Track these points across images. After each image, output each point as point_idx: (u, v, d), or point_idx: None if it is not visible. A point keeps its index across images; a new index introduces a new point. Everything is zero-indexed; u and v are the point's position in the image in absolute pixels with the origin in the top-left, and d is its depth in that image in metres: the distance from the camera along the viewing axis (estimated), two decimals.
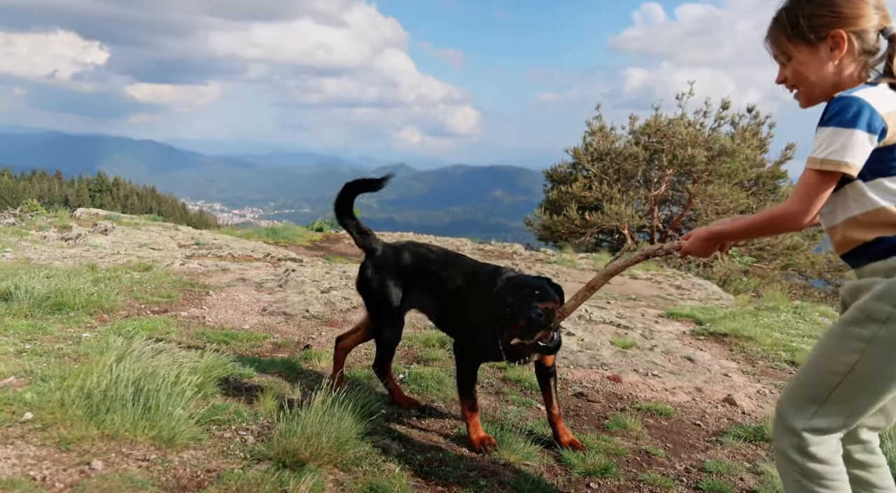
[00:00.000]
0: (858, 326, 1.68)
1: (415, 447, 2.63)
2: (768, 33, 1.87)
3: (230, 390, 3.04)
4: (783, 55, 1.84)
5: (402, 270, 3.06)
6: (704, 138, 16.25)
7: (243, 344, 4.01)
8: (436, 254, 3.11)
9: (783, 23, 1.81)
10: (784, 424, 1.78)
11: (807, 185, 1.70)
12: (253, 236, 12.54)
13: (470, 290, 2.84)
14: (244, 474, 2.11)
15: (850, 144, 1.64)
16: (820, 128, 1.70)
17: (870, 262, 1.74)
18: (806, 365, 1.82)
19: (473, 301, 2.78)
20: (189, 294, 5.44)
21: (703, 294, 9.35)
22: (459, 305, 2.88)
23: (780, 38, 1.83)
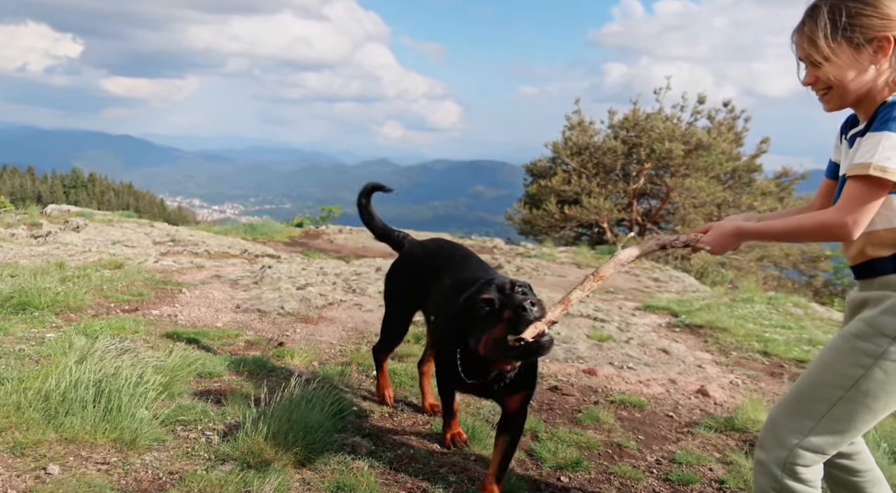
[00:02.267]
0: (866, 340, 1.64)
1: (385, 444, 2.60)
2: (802, 31, 1.74)
3: (198, 389, 2.99)
4: (819, 55, 1.71)
5: (412, 268, 2.94)
6: (681, 132, 16.39)
7: (215, 342, 3.95)
8: (444, 254, 2.88)
9: (824, 21, 1.69)
10: (776, 436, 1.72)
11: (860, 193, 1.60)
12: (231, 233, 12.39)
13: (450, 299, 2.55)
14: (207, 475, 2.07)
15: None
16: (876, 133, 1.61)
17: (880, 275, 1.69)
18: (805, 377, 1.76)
19: (446, 310, 2.53)
20: (161, 292, 5.35)
21: (680, 286, 9.44)
22: (438, 312, 2.67)
23: (818, 37, 1.70)
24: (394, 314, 3.06)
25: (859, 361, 1.63)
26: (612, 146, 16.79)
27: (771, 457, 1.70)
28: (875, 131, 1.62)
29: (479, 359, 2.12)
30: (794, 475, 1.67)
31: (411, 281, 2.88)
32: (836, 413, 1.65)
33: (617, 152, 16.79)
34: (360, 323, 4.77)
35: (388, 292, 3.09)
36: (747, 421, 3.20)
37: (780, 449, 1.69)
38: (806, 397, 1.71)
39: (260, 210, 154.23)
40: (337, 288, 6.00)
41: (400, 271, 3.01)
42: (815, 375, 1.72)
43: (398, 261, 3.07)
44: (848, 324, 1.74)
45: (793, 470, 1.67)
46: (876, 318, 1.63)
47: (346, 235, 13.61)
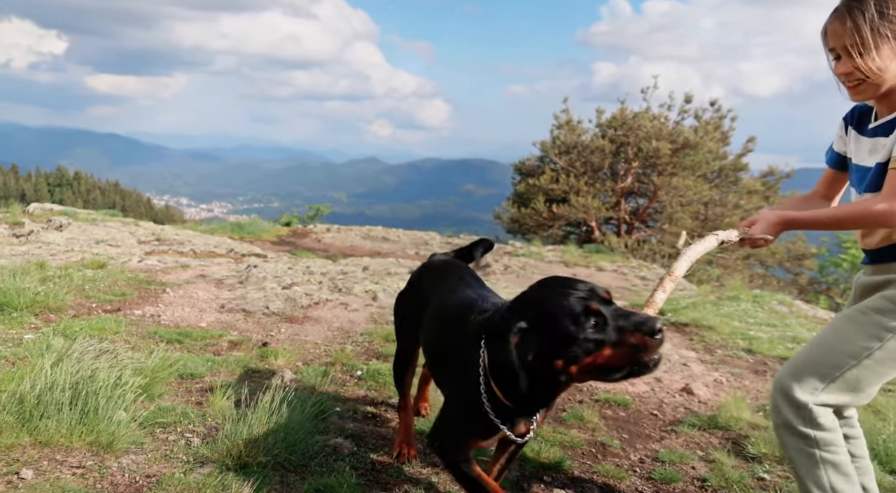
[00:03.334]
0: (886, 315, 1.77)
1: (368, 446, 2.58)
2: (844, 20, 1.76)
3: (179, 390, 2.96)
4: (861, 46, 1.73)
5: (416, 289, 2.59)
6: (669, 131, 16.47)
7: (197, 343, 3.91)
8: (439, 271, 2.53)
9: (872, 13, 1.72)
10: (789, 399, 1.83)
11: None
12: (217, 232, 12.30)
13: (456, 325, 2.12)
14: (185, 478, 2.04)
15: None
16: None
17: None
18: (813, 345, 1.87)
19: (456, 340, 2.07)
20: (145, 292, 5.29)
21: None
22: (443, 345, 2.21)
23: (864, 27, 1.72)
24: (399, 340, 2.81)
25: (877, 333, 1.76)
26: (599, 145, 16.84)
27: (791, 417, 1.82)
28: None
29: (537, 388, 1.72)
30: (819, 425, 1.81)
31: (413, 302, 2.59)
32: (847, 377, 1.79)
33: (605, 151, 16.85)
34: (345, 323, 4.74)
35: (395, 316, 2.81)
36: (730, 419, 3.21)
37: (798, 409, 1.81)
38: (817, 362, 1.82)
39: (248, 209, 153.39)
40: (323, 287, 5.97)
41: (405, 292, 2.73)
42: (828, 343, 1.84)
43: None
44: (866, 300, 1.85)
45: (816, 422, 1.81)
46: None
47: (333, 234, 13.56)
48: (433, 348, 2.29)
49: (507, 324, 1.71)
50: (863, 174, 1.89)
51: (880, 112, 1.88)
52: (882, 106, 1.85)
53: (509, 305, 1.82)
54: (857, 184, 1.94)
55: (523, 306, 1.74)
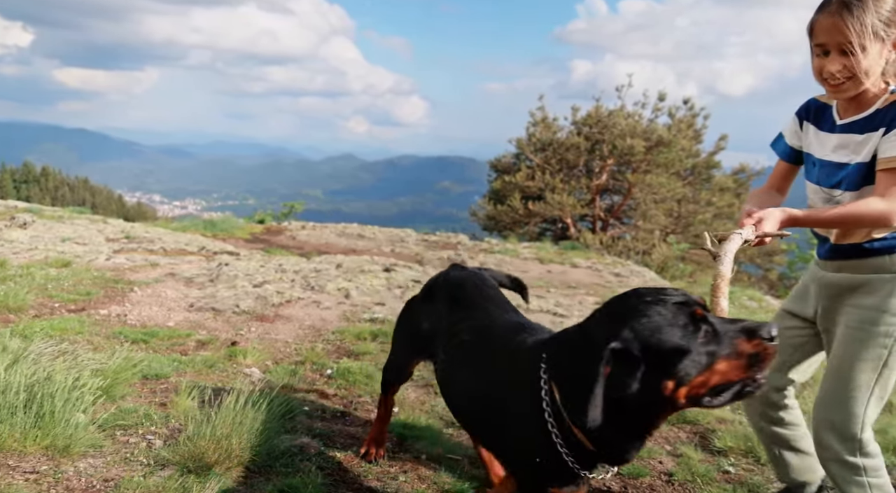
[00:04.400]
0: (879, 325, 1.85)
1: (335, 445, 2.55)
2: (844, 17, 1.74)
3: (143, 391, 2.89)
4: (857, 45, 1.74)
5: (430, 305, 2.28)
6: (643, 129, 16.64)
7: (164, 343, 3.83)
8: (460, 287, 2.20)
9: (872, 12, 1.74)
10: (839, 433, 1.90)
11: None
12: (189, 229, 12.10)
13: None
14: (144, 481, 2.00)
15: None
16: None
17: (877, 255, 1.86)
18: (837, 375, 1.92)
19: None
20: (111, 291, 5.18)
21: (640, 281, 9.58)
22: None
23: (866, 26, 1.73)
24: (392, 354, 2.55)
25: (881, 342, 1.85)
26: (575, 142, 16.95)
27: (843, 451, 1.90)
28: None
29: (633, 423, 1.46)
30: (868, 454, 1.90)
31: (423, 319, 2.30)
32: (876, 391, 1.88)
33: (580, 149, 16.96)
34: (317, 321, 4.69)
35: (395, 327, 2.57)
36: (698, 414, 3.24)
37: (848, 442, 1.89)
38: (849, 394, 1.89)
39: (223, 206, 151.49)
40: (295, 285, 5.90)
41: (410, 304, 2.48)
42: (846, 370, 1.90)
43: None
44: (851, 315, 1.90)
45: (866, 451, 1.90)
46: (883, 303, 1.84)
47: (308, 231, 13.44)
48: (463, 386, 1.89)
49: (594, 346, 1.39)
50: (832, 170, 1.92)
51: (844, 110, 1.91)
52: (849, 105, 1.89)
53: (584, 324, 1.53)
54: (823, 179, 1.95)
55: (608, 323, 1.44)
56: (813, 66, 1.85)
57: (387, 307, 5.23)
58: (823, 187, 1.96)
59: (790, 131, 2.09)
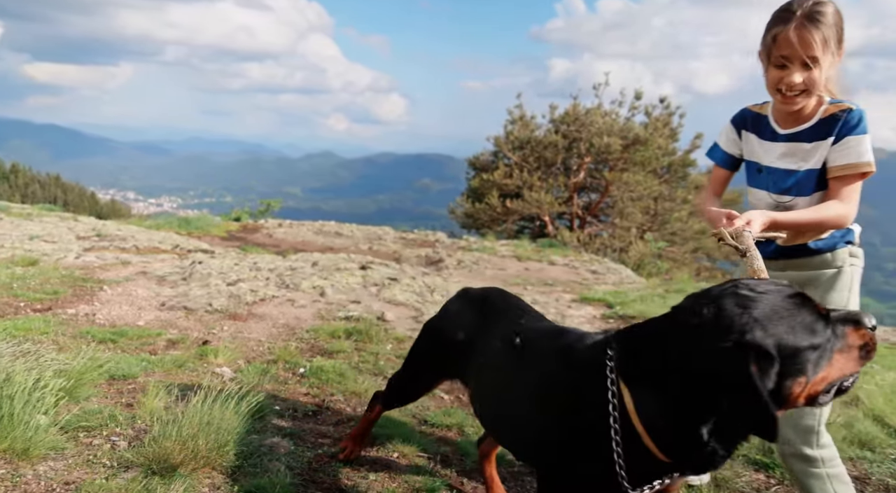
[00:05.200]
0: (840, 305, 1.93)
1: (306, 444, 2.53)
2: (811, 31, 1.79)
3: (109, 392, 2.83)
4: (822, 58, 1.81)
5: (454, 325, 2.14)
6: (619, 127, 16.78)
7: (133, 342, 3.76)
8: (483, 304, 2.10)
9: (829, 28, 1.80)
10: (798, 427, 1.93)
11: (858, 187, 1.89)
12: (163, 227, 11.93)
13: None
14: (107, 484, 1.95)
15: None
16: (855, 137, 1.87)
17: (821, 253, 1.98)
18: None
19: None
20: (80, 290, 5.07)
21: (616, 278, 9.66)
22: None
23: (823, 41, 1.80)
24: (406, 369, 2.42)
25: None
26: (552, 140, 17.02)
27: (803, 445, 1.94)
28: (857, 135, 1.88)
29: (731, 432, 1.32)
30: (822, 444, 1.95)
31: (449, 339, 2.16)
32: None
33: (558, 146, 17.04)
34: (291, 319, 4.64)
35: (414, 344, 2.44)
36: None
37: (808, 435, 1.94)
38: None
39: (200, 204, 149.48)
40: (270, 284, 5.84)
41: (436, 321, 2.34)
42: None
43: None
44: None
45: (820, 442, 1.95)
46: (825, 297, 1.95)
47: (285, 229, 13.32)
48: (505, 396, 1.76)
49: (717, 344, 1.25)
50: (781, 177, 2.00)
51: (784, 121, 1.99)
52: (788, 115, 1.96)
53: (685, 321, 1.34)
54: (772, 185, 2.04)
55: (732, 317, 1.27)
56: (770, 76, 1.89)
57: (362, 305, 5.20)
58: (772, 193, 2.04)
59: (727, 140, 2.16)
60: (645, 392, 1.35)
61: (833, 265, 1.98)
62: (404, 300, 5.54)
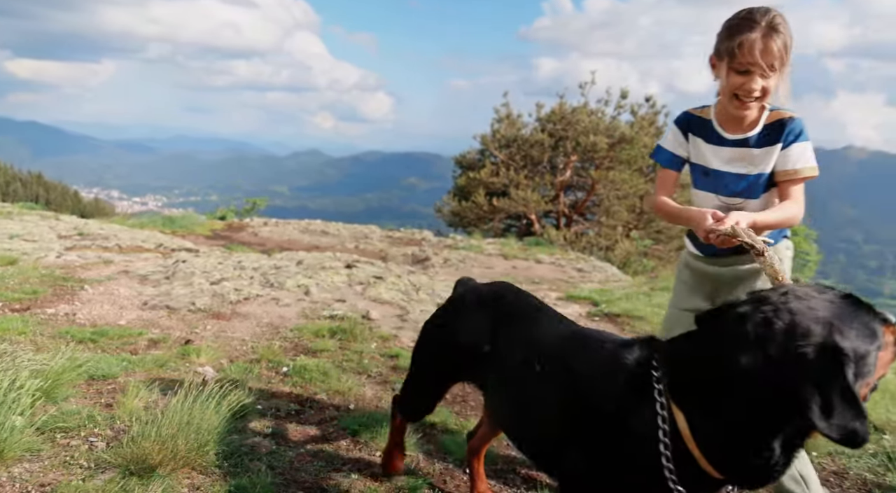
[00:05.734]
0: None
1: (288, 444, 2.51)
2: (778, 45, 1.88)
3: (88, 392, 2.80)
4: (778, 68, 1.90)
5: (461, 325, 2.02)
6: (605, 126, 16.85)
7: (114, 342, 3.71)
8: (493, 302, 1.97)
9: (786, 38, 1.89)
10: None
11: (803, 191, 2.02)
12: (147, 226, 11.81)
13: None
14: (83, 485, 1.92)
15: None
16: (801, 143, 2.00)
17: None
18: None
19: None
20: (60, 289, 5.00)
21: (602, 276, 9.71)
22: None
23: (783, 50, 1.89)
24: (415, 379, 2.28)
25: None
26: (539, 139, 17.05)
27: None
28: (801, 142, 1.99)
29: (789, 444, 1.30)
30: None
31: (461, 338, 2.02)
32: None
33: (544, 145, 17.08)
34: (275, 318, 4.61)
35: (416, 350, 2.27)
36: None
37: None
38: None
39: (185, 202, 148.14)
40: (254, 282, 5.80)
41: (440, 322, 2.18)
42: None
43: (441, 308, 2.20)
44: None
45: None
46: (765, 287, 1.95)
47: (271, 228, 13.24)
48: (533, 404, 1.65)
49: (793, 351, 1.20)
50: (732, 180, 2.07)
51: (731, 126, 2.05)
52: (733, 121, 2.04)
53: (739, 331, 1.29)
54: (722, 188, 2.10)
55: (809, 324, 1.24)
56: (729, 82, 1.94)
57: (347, 304, 5.18)
58: (721, 196, 2.10)
59: (675, 142, 2.19)
60: (703, 414, 1.30)
61: (774, 258, 2.05)
62: (389, 299, 5.52)
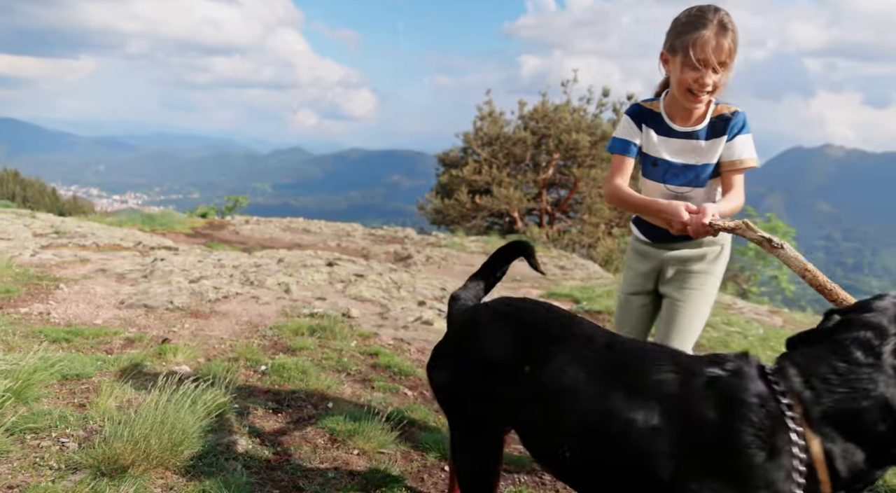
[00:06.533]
0: (706, 285, 2.28)
1: (265, 443, 2.49)
2: (728, 43, 1.99)
3: (61, 393, 2.75)
4: (728, 64, 2.03)
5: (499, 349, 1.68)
6: (587, 124, 16.93)
7: (89, 341, 3.66)
8: (516, 320, 1.70)
9: (737, 39, 2.01)
10: None
11: (743, 181, 2.15)
12: (126, 224, 11.65)
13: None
14: (53, 486, 1.89)
15: None
16: (744, 136, 2.14)
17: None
18: (699, 316, 2.27)
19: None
20: (34, 288, 4.92)
21: (584, 274, 9.77)
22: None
23: (733, 48, 2.01)
24: (468, 432, 1.81)
25: (711, 293, 2.29)
26: (521, 137, 17.10)
27: None
28: (744, 134, 2.13)
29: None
30: None
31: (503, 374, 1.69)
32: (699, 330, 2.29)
33: (526, 143, 17.13)
34: (255, 316, 4.58)
35: (451, 393, 1.83)
36: None
37: None
38: (692, 335, 2.26)
39: (166, 200, 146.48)
40: (234, 281, 5.75)
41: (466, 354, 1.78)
42: (693, 318, 2.26)
43: (457, 334, 1.87)
44: (691, 279, 2.28)
45: None
46: (710, 267, 2.28)
47: (252, 225, 13.14)
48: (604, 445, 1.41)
49: None
50: (680, 171, 2.20)
51: (680, 118, 2.17)
52: (682, 114, 2.15)
53: (854, 353, 1.29)
54: (671, 178, 2.22)
55: None
56: (684, 76, 2.04)
57: (327, 302, 5.15)
58: (670, 185, 2.22)
59: (631, 132, 2.27)
60: (842, 438, 1.26)
61: (719, 243, 2.30)
62: (370, 297, 5.51)
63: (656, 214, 2.06)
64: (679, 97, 2.10)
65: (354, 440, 2.57)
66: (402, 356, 3.89)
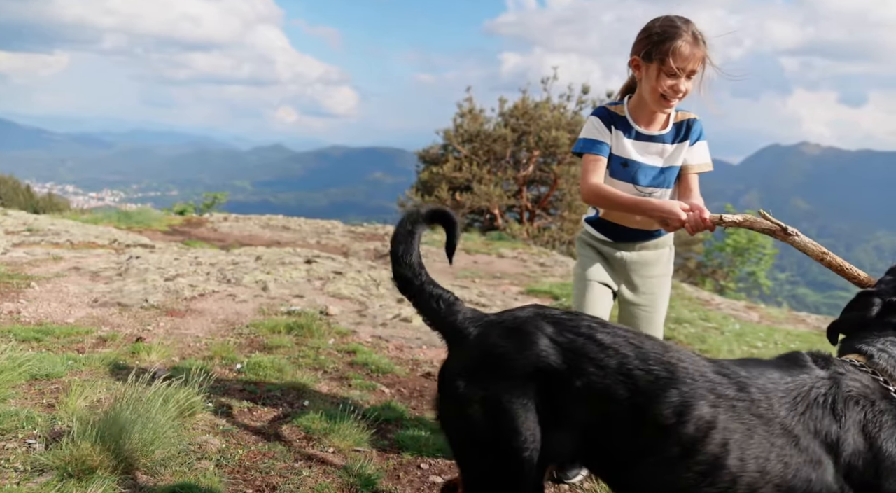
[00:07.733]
0: (664, 286, 2.46)
1: (239, 442, 2.46)
2: (699, 51, 2.11)
3: (29, 393, 2.70)
4: (697, 72, 2.14)
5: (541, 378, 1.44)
6: (567, 121, 16.99)
7: (60, 340, 3.59)
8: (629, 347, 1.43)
9: (706, 51, 2.13)
10: None
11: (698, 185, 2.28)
12: (102, 221, 11.45)
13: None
14: (18, 488, 1.85)
15: None
16: (703, 142, 2.30)
17: (660, 237, 2.38)
18: (648, 327, 2.39)
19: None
20: (4, 287, 4.81)
21: (564, 271, 9.81)
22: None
23: (705, 57, 2.13)
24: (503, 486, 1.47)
25: (667, 295, 2.46)
26: (502, 134, 17.11)
27: None
28: (703, 140, 2.30)
29: None
30: None
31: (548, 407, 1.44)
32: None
33: (507, 140, 17.14)
34: (231, 314, 4.53)
35: (481, 440, 1.46)
36: None
37: None
38: (662, 324, 2.45)
39: (144, 197, 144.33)
40: (210, 278, 5.68)
41: (499, 389, 1.45)
42: (655, 319, 2.42)
43: (471, 364, 1.52)
44: (651, 282, 2.41)
45: None
46: (665, 268, 2.44)
47: (231, 223, 12.99)
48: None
49: None
50: (648, 172, 2.28)
51: (646, 122, 2.27)
52: (648, 117, 2.26)
53: None
54: (640, 179, 2.29)
55: None
56: (660, 83, 2.12)
57: (305, 299, 5.12)
58: (639, 186, 2.30)
59: (602, 133, 2.31)
60: None
61: (668, 245, 2.44)
62: (349, 294, 5.48)
63: (650, 212, 2.11)
64: (651, 103, 2.19)
65: (330, 438, 2.55)
66: (380, 354, 3.87)
